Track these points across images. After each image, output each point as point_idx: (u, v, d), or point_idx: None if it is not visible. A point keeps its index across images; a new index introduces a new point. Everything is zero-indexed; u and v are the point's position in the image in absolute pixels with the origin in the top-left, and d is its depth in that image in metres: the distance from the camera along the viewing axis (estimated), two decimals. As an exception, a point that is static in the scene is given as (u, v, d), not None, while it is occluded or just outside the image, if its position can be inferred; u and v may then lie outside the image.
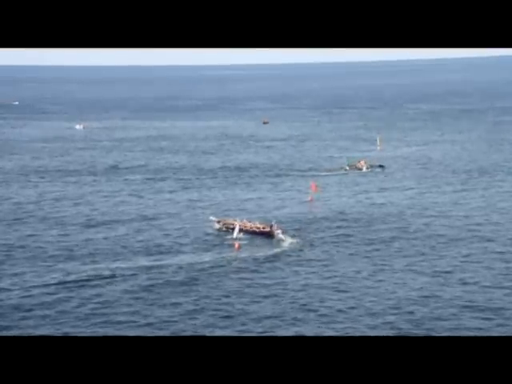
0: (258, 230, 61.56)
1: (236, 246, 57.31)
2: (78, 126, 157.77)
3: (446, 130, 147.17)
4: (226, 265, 53.38)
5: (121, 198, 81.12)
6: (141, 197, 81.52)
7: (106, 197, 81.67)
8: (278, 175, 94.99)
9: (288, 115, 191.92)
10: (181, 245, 59.49)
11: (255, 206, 75.02)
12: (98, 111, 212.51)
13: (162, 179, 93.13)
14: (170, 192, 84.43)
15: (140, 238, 62.28)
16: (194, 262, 54.15)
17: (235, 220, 62.93)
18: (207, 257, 55.36)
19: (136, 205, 76.92)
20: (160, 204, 77.09)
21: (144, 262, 54.60)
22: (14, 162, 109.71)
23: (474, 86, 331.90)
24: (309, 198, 76.59)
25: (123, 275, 51.16)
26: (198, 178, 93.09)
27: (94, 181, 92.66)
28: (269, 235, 60.12)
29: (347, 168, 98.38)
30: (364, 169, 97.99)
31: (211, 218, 64.74)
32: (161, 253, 57.06)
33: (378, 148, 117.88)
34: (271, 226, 60.74)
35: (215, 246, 58.99)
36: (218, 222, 64.04)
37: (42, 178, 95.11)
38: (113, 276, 50.93)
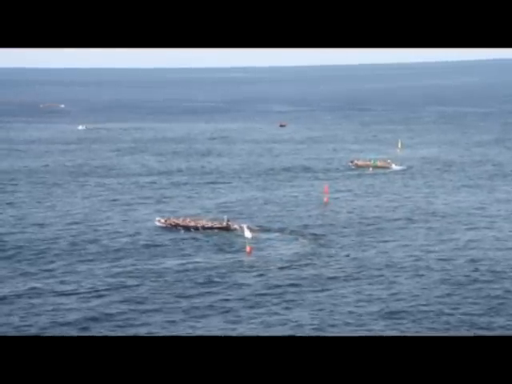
0: (213, 226, 63.22)
1: (248, 249, 57.03)
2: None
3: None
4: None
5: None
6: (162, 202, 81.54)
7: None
8: (296, 177, 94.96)
9: (305, 118, 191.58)
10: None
11: (274, 207, 75.12)
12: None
13: (175, 184, 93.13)
14: (188, 197, 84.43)
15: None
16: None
17: (179, 218, 65.50)
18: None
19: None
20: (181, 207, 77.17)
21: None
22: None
23: (490, 88, 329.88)
24: (325, 199, 76.99)
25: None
26: (213, 182, 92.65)
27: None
28: (224, 230, 60.87)
29: (370, 169, 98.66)
30: (393, 166, 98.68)
31: (157, 218, 66.60)
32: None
33: (398, 150, 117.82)
34: (228, 222, 61.70)
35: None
36: (164, 221, 65.51)
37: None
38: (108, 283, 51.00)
